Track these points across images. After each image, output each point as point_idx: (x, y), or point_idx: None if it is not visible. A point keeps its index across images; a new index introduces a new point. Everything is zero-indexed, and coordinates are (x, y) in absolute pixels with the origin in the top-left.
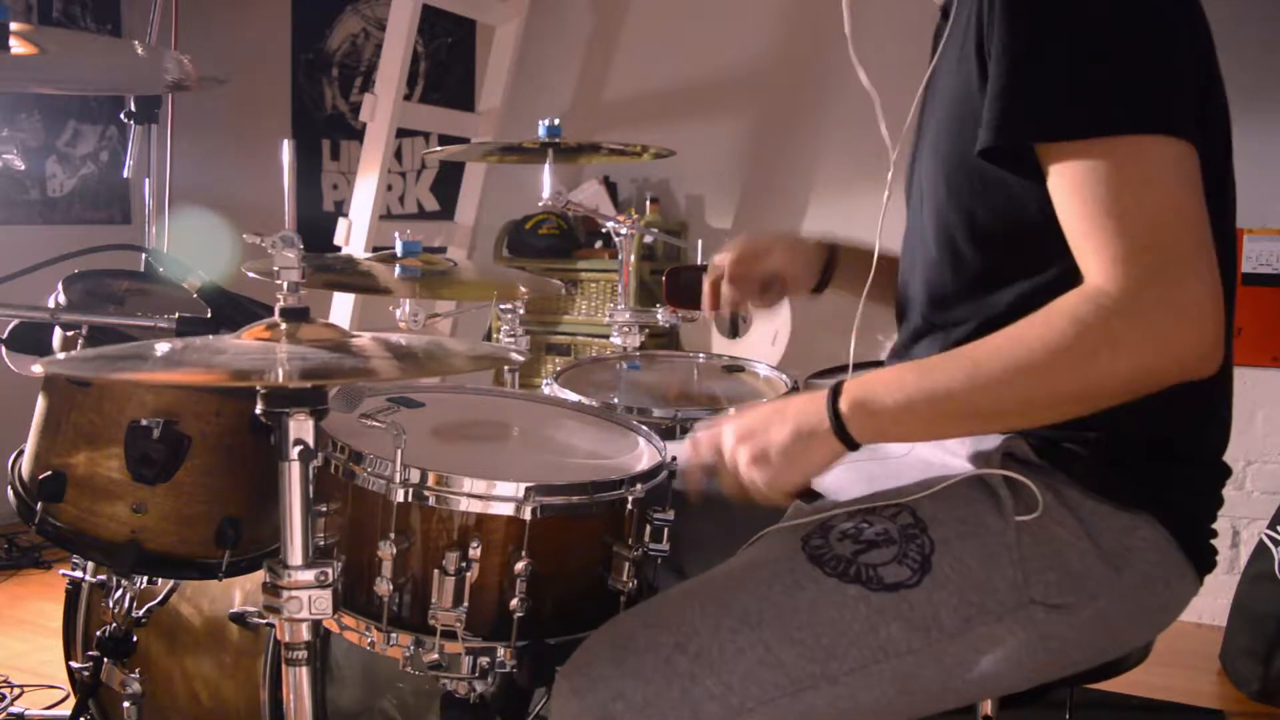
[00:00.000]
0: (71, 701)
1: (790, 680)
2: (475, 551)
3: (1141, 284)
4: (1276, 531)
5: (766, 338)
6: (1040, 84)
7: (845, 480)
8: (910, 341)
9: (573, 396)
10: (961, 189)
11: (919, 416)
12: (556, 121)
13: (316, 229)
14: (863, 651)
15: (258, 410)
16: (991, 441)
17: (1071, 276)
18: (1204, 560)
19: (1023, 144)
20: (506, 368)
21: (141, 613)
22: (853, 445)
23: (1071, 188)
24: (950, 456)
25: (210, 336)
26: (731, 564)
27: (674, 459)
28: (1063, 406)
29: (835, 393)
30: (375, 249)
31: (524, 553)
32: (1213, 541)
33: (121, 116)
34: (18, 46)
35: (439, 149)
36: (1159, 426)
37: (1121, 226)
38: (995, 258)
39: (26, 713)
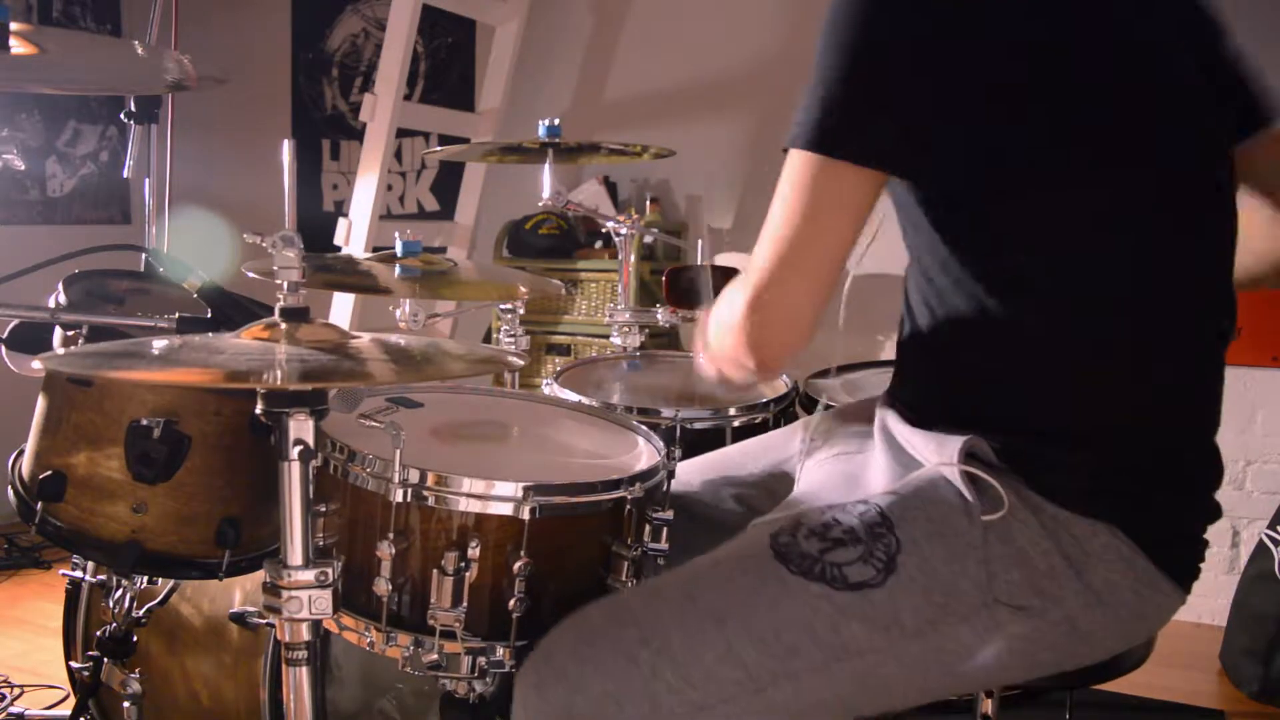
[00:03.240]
0: (71, 701)
1: (751, 678)
2: (474, 551)
3: (745, 299)
4: (1276, 531)
5: None
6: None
7: (824, 480)
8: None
9: (573, 396)
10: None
11: None
12: (556, 121)
13: (316, 229)
14: (824, 650)
15: (258, 410)
16: (954, 442)
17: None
18: (1182, 570)
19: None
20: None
21: (141, 613)
22: None
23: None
24: (917, 455)
25: (210, 335)
26: (701, 559)
27: (673, 459)
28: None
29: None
30: (375, 249)
31: (523, 552)
32: (1192, 552)
33: (121, 116)
34: (18, 46)
35: (439, 149)
36: (1121, 447)
37: (760, 240)
38: (921, 262)
39: (26, 713)
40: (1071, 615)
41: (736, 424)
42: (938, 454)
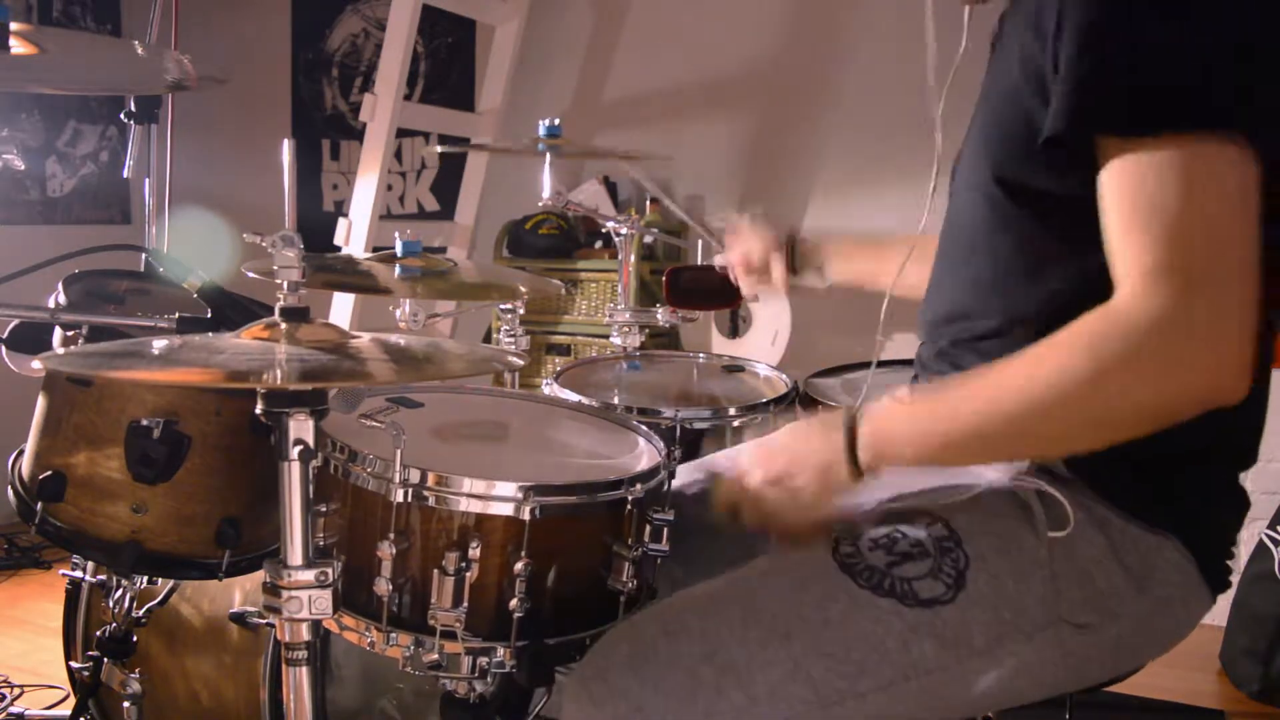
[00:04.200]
0: (71, 701)
1: (818, 696)
2: (475, 551)
3: (1167, 303)
4: (1276, 531)
5: (766, 338)
6: (1103, 75)
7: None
8: (936, 328)
9: (573, 396)
10: (1007, 176)
11: (936, 451)
12: (556, 121)
13: (316, 229)
14: (893, 668)
15: (258, 410)
16: None
17: (1102, 276)
18: (1220, 580)
19: (1083, 135)
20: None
21: (141, 613)
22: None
23: (1117, 186)
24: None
25: (210, 335)
26: (759, 568)
27: (674, 459)
28: (1083, 437)
29: (852, 439)
30: (375, 249)
31: (523, 553)
32: (1230, 562)
33: (121, 116)
34: (18, 46)
35: (439, 148)
36: (1192, 444)
37: (1154, 236)
38: (1026, 254)
39: (26, 713)
40: (1127, 631)
41: (736, 424)
42: (1007, 466)
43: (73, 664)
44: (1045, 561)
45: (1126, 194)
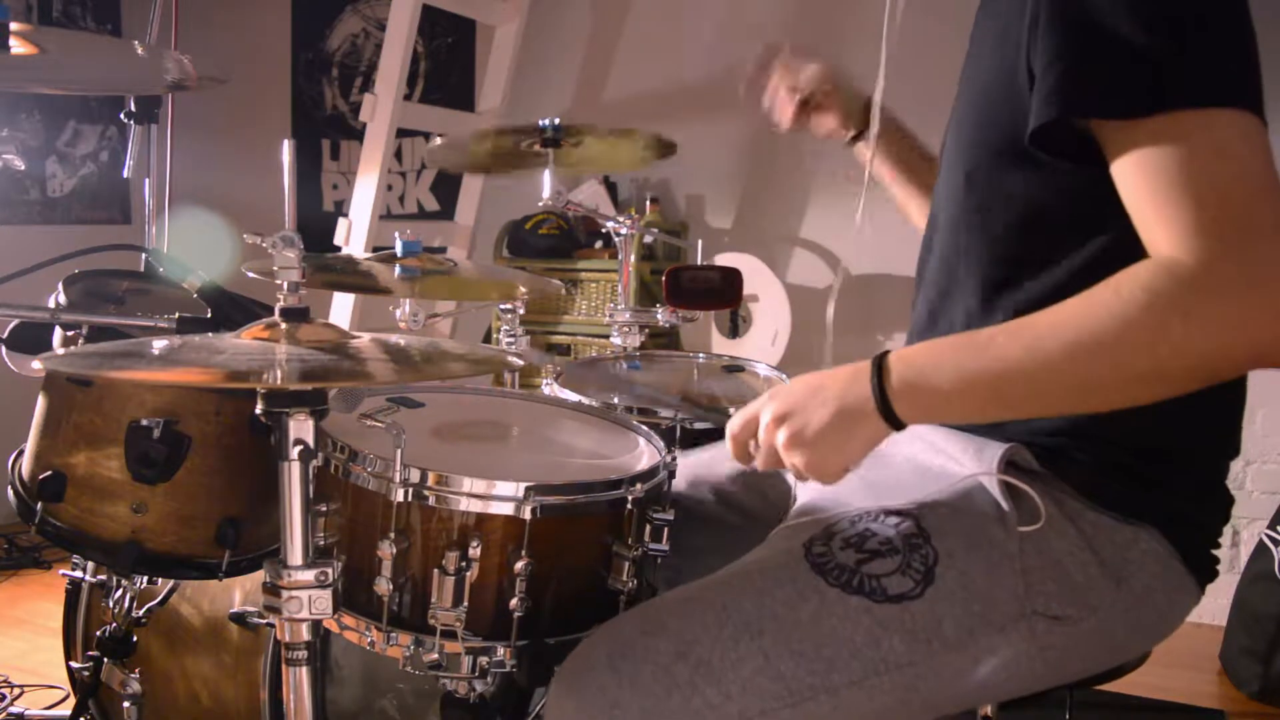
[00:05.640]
0: (71, 701)
1: (790, 692)
2: (475, 551)
3: (1217, 255)
4: (1276, 531)
5: (766, 338)
6: (1101, 58)
7: (845, 487)
8: (926, 327)
9: (573, 396)
10: (981, 172)
11: (975, 397)
12: (556, 121)
13: (316, 229)
14: (864, 663)
15: (258, 410)
16: (994, 449)
17: (1077, 282)
18: (1206, 571)
19: (1080, 120)
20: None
21: (141, 613)
22: (899, 426)
23: (1136, 164)
24: (950, 463)
25: (210, 335)
26: (733, 569)
27: (674, 459)
28: (1130, 388)
29: (880, 369)
30: (375, 249)
31: (524, 552)
32: (1215, 552)
33: (121, 116)
34: (18, 46)
35: (438, 141)
36: (1165, 435)
37: (1193, 198)
38: (1010, 246)
39: (26, 713)
40: (1106, 624)
41: None
42: (976, 460)
43: (73, 664)
44: (1015, 555)
45: (1147, 171)
